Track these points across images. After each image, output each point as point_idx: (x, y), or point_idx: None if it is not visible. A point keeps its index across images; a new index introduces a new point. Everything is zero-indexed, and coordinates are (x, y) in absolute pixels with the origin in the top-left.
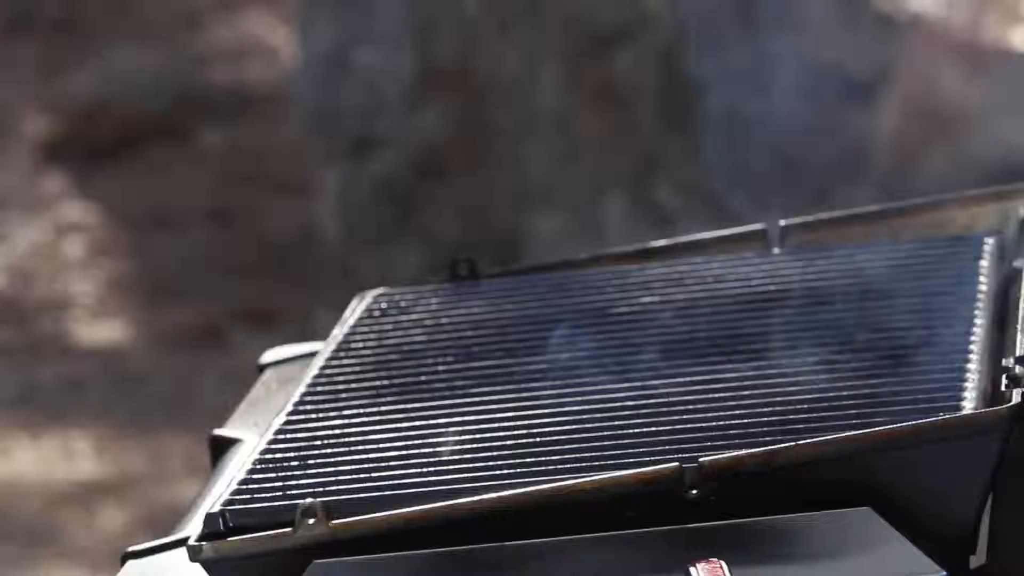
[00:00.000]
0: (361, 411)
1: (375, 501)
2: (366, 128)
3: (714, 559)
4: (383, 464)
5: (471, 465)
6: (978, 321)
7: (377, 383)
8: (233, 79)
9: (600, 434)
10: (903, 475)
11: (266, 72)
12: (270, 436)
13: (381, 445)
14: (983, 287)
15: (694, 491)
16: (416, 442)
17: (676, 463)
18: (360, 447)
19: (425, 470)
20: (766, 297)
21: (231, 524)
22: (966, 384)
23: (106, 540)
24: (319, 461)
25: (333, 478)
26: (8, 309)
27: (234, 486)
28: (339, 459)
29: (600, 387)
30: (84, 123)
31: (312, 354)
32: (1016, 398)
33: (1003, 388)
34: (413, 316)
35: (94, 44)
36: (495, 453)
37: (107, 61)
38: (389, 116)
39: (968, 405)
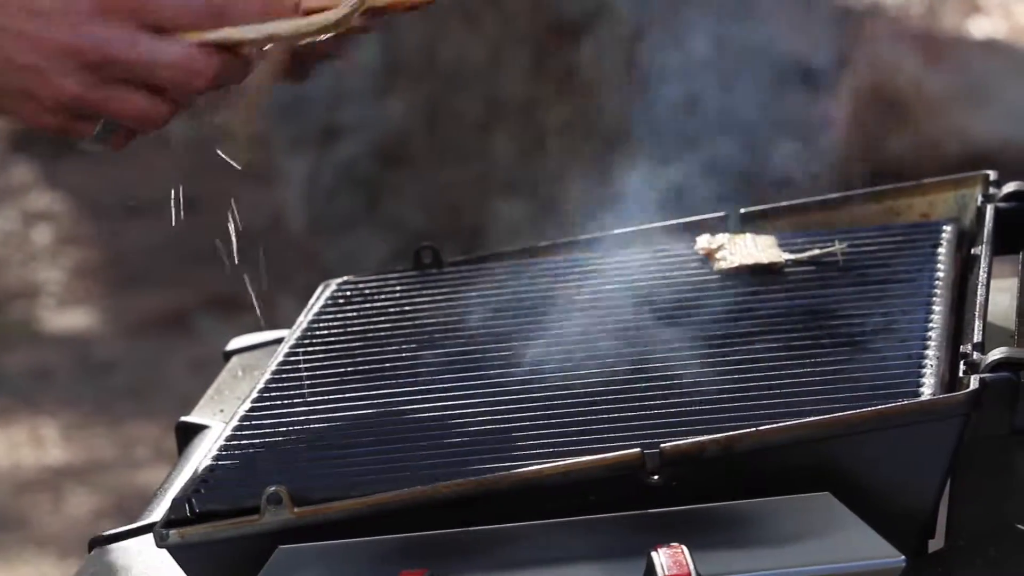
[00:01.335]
0: (326, 398)
1: (340, 487)
2: (331, 117)
3: (676, 544)
4: (348, 450)
5: (435, 451)
6: (936, 308)
7: (341, 370)
8: None
9: (563, 420)
10: (863, 460)
11: None
12: (236, 423)
13: (346, 431)
14: (941, 274)
15: (655, 476)
16: (380, 428)
17: (638, 449)
18: (325, 433)
19: (389, 456)
20: (726, 283)
21: (197, 510)
22: (925, 370)
23: (74, 526)
24: (284, 448)
25: (298, 464)
26: None
27: (200, 473)
28: (304, 445)
29: (563, 373)
30: None
31: (277, 341)
32: (974, 384)
33: (961, 374)
34: (377, 303)
35: None
36: (459, 439)
37: None
38: (354, 105)
39: (927, 391)
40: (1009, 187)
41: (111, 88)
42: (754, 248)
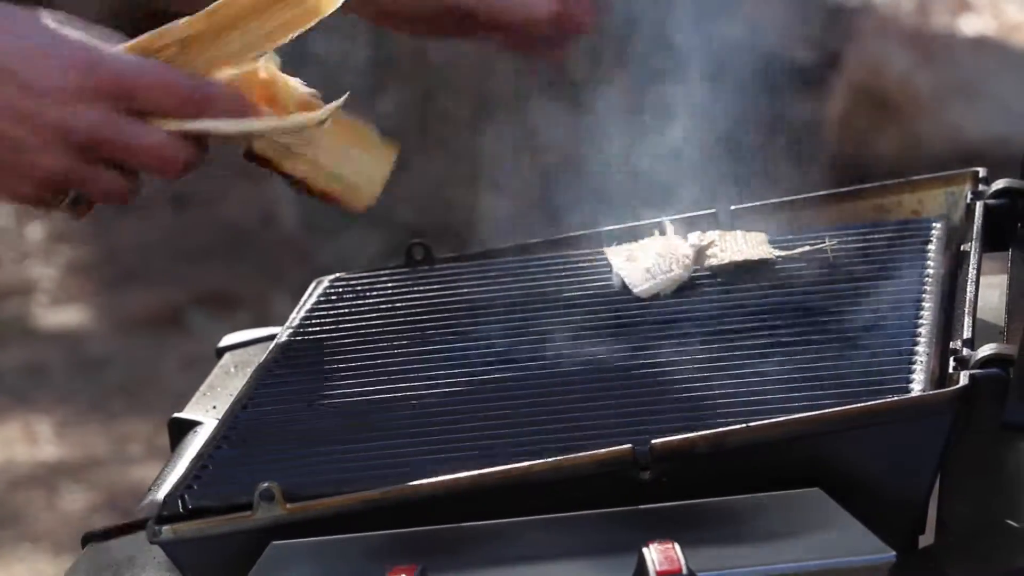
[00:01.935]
0: (318, 394)
1: (332, 483)
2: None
3: (667, 540)
4: (340, 447)
5: (426, 448)
6: (926, 304)
7: (333, 366)
8: None
9: (554, 416)
10: (853, 456)
11: None
12: (229, 419)
13: (338, 428)
14: (931, 270)
15: (646, 472)
16: (372, 424)
17: (629, 445)
18: (317, 430)
19: (381, 452)
20: (716, 279)
21: (190, 506)
22: (914, 366)
23: (67, 522)
24: (277, 444)
25: (291, 461)
26: None
27: (193, 469)
28: (296, 442)
29: (554, 370)
30: None
31: (270, 338)
32: (964, 380)
33: (951, 370)
34: (369, 300)
35: None
36: (450, 436)
37: None
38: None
39: (917, 387)
40: (999, 184)
41: (90, 167)
42: (744, 245)
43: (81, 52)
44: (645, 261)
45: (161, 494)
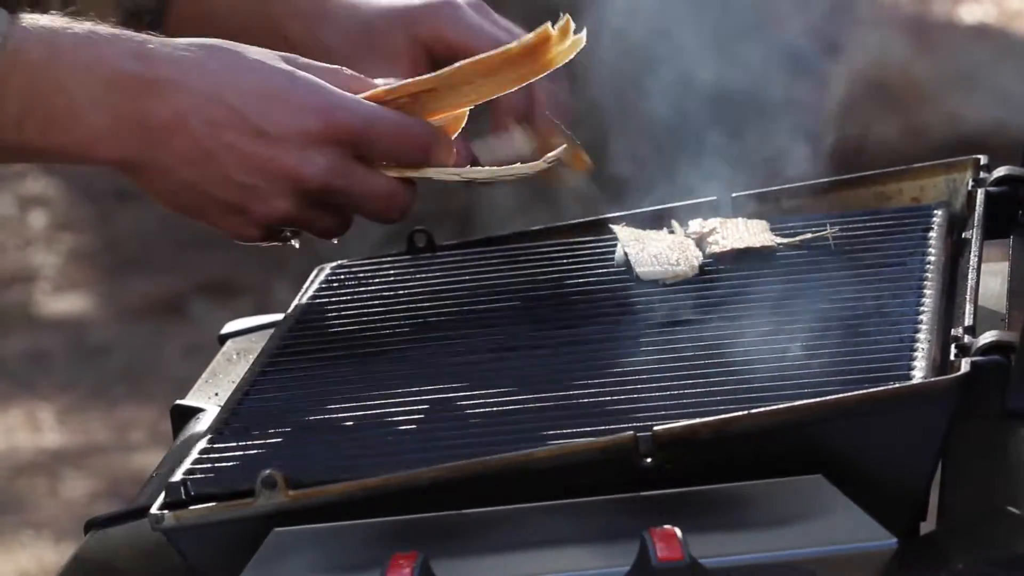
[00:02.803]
0: (320, 381)
1: (334, 470)
2: None
3: (668, 526)
4: (342, 434)
5: (428, 434)
6: (927, 291)
7: (335, 353)
8: None
9: (555, 403)
10: (854, 443)
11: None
12: (231, 406)
13: (340, 415)
14: (932, 258)
15: (648, 459)
16: (374, 411)
17: (631, 431)
18: (319, 416)
19: (383, 439)
20: (714, 267)
21: (192, 493)
22: (916, 354)
23: (70, 509)
24: (279, 431)
25: (293, 447)
26: None
27: (195, 456)
28: (298, 429)
29: (555, 357)
30: None
31: (272, 325)
32: (965, 367)
33: (952, 357)
34: (371, 287)
35: None
36: (452, 423)
37: None
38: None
39: (918, 374)
40: (1000, 171)
41: (316, 211)
42: (746, 232)
43: (317, 97)
44: (653, 248)
45: (163, 481)
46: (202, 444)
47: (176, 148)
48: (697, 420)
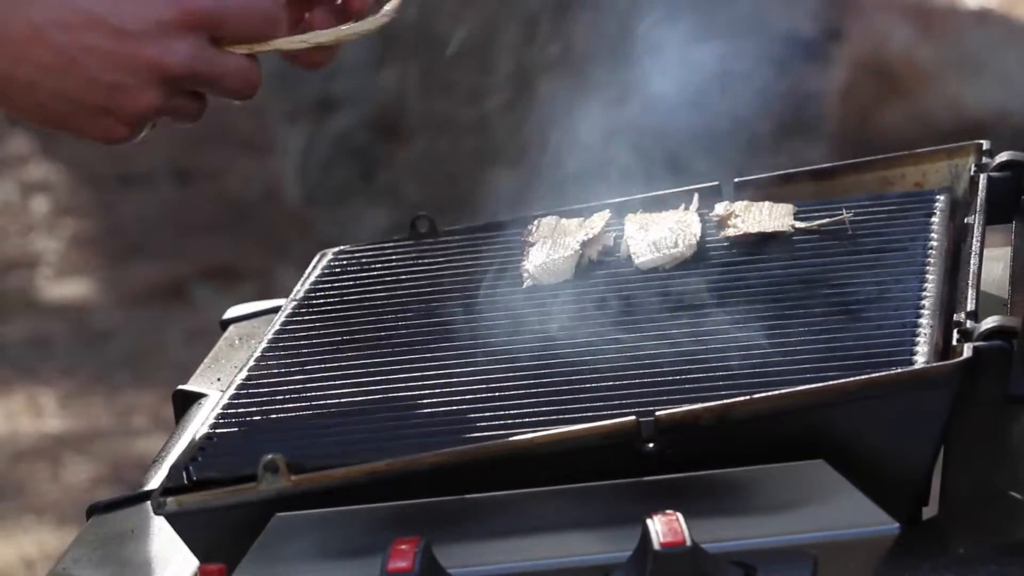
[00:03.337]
0: (322, 366)
1: (336, 455)
2: (327, 88)
3: (671, 511)
4: (344, 418)
5: (431, 419)
6: (930, 276)
7: (338, 338)
8: None
9: (558, 388)
10: (856, 428)
11: None
12: (233, 391)
13: (342, 399)
14: (935, 243)
15: (650, 444)
16: (376, 396)
17: (633, 416)
18: (321, 401)
19: (386, 424)
20: (720, 252)
21: (195, 478)
22: (918, 339)
23: (72, 494)
24: (281, 416)
25: (295, 432)
26: None
27: (198, 441)
28: (301, 413)
29: (558, 342)
30: None
31: (274, 310)
32: (967, 352)
33: (955, 342)
34: (373, 272)
35: None
36: (454, 407)
37: None
38: (350, 76)
39: (920, 359)
40: (1002, 156)
41: (178, 98)
42: (767, 216)
43: None
44: (655, 233)
45: (165, 466)
46: (204, 429)
47: (37, 60)
48: (699, 405)
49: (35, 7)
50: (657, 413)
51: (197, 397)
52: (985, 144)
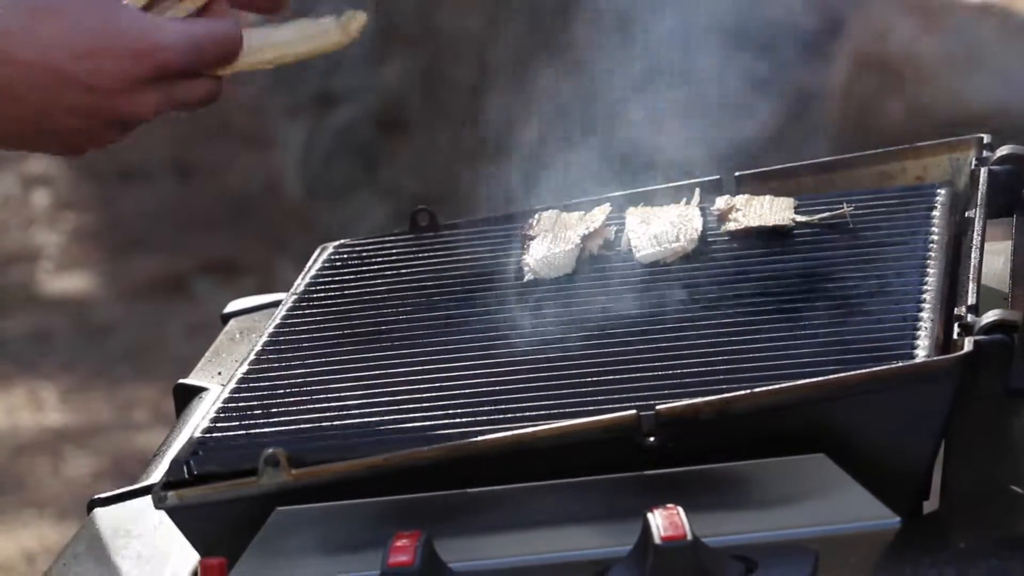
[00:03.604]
0: (323, 360)
1: (337, 449)
2: (328, 82)
3: (671, 505)
4: (345, 412)
5: (431, 413)
6: (931, 270)
7: (338, 332)
8: None
9: (558, 382)
10: (857, 422)
11: None
12: (233, 385)
13: (342, 393)
14: (935, 237)
15: (651, 438)
16: (377, 390)
17: (633, 410)
18: (322, 395)
19: (386, 418)
20: (727, 244)
21: (195, 472)
22: (919, 332)
23: (73, 488)
24: (282, 409)
25: (296, 426)
26: None
27: (198, 434)
28: (301, 407)
29: (558, 336)
30: None
31: (275, 304)
32: (968, 346)
33: (955, 336)
34: (374, 266)
35: None
36: (455, 401)
37: None
38: (351, 71)
39: (921, 353)
40: (1003, 150)
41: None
42: (768, 210)
43: (140, 42)
44: (656, 227)
45: (166, 460)
46: (205, 423)
47: (9, 112)
48: (700, 399)
49: (10, 67)
50: (658, 407)
51: (198, 391)
52: (986, 138)
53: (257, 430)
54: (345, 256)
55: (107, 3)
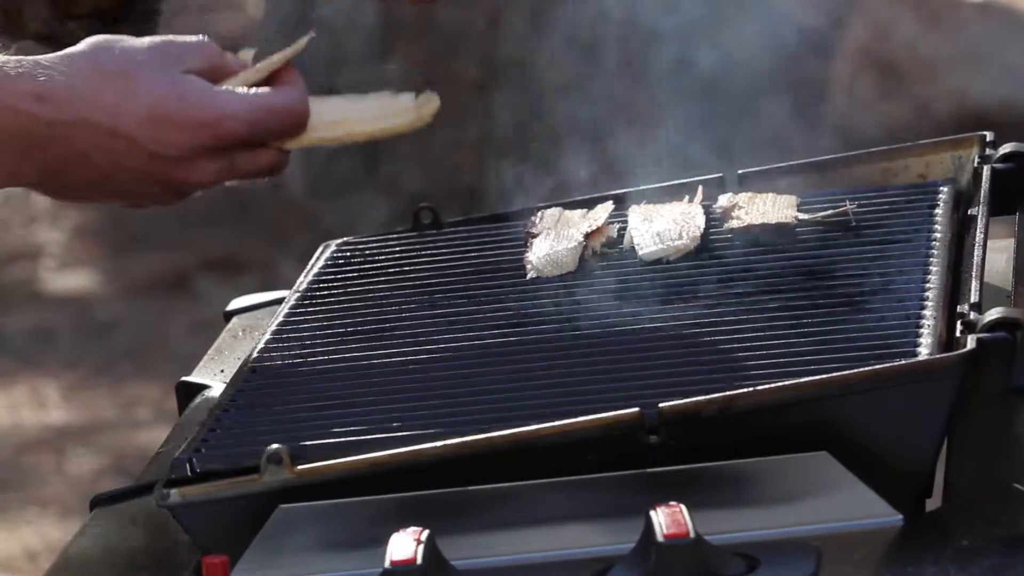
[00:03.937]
0: (325, 358)
1: (339, 446)
2: (331, 79)
3: (674, 503)
4: (348, 410)
5: (434, 411)
6: (933, 268)
7: (341, 330)
8: (200, 31)
9: (561, 379)
10: (860, 420)
11: (232, 24)
12: (236, 383)
13: (345, 391)
14: (938, 234)
15: (654, 436)
16: (380, 388)
17: (636, 408)
18: (324, 393)
19: (389, 415)
20: (723, 243)
21: (198, 470)
22: (922, 330)
23: (75, 486)
24: (284, 408)
25: (298, 424)
26: None
27: (201, 432)
28: (304, 405)
29: (560, 333)
30: None
31: (277, 302)
32: (971, 344)
33: (958, 334)
34: (377, 264)
35: None
36: (458, 399)
37: None
38: (353, 67)
39: (924, 351)
40: (1006, 148)
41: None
42: (771, 208)
43: (204, 112)
44: (659, 225)
45: (169, 458)
46: (208, 421)
47: (78, 175)
48: (703, 397)
49: (81, 135)
50: (660, 405)
51: (200, 389)
52: (989, 135)
53: (259, 428)
54: (348, 254)
55: (173, 70)
